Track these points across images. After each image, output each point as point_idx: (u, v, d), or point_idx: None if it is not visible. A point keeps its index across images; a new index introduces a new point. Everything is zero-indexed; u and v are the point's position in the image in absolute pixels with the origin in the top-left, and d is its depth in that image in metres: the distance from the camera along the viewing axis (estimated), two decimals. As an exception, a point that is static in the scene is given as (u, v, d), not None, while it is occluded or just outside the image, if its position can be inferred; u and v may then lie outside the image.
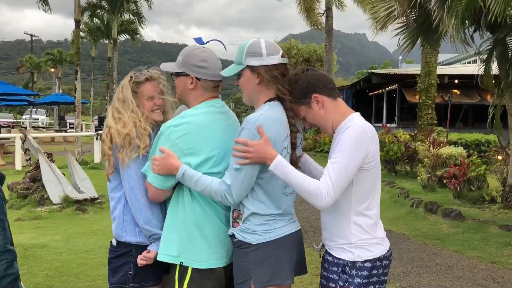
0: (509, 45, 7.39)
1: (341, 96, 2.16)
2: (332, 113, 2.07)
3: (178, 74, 2.20)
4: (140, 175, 2.19)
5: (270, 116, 2.00)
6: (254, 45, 2.05)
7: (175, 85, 2.26)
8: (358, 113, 2.10)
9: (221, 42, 2.43)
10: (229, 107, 2.47)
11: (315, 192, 1.89)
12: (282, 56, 2.08)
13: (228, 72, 2.11)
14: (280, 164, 1.93)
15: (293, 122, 2.08)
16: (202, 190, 2.02)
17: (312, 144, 19.05)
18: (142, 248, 2.25)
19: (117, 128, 2.22)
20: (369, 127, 2.01)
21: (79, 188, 8.41)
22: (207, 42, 2.28)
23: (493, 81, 8.12)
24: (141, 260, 2.21)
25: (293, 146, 2.08)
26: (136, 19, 29.18)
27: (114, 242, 2.33)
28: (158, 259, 2.15)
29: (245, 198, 2.03)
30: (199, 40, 2.30)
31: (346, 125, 2.00)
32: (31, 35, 53.02)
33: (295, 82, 2.07)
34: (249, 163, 1.94)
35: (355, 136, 1.94)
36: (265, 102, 2.07)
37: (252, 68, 2.04)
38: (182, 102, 2.30)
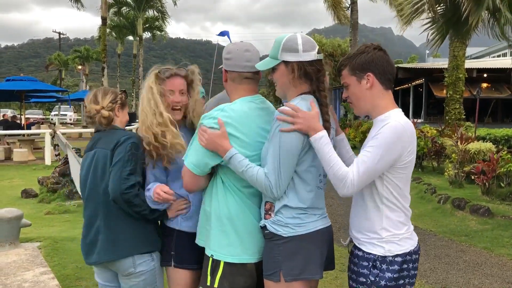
0: None
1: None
2: (376, 100, 2.05)
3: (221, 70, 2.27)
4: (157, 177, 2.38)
5: (302, 106, 2.01)
6: (291, 40, 2.05)
7: None
8: (400, 109, 2.07)
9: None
10: None
11: (342, 178, 1.90)
12: (318, 52, 2.08)
13: (263, 65, 2.12)
14: (322, 139, 1.95)
15: (327, 117, 2.08)
16: (246, 177, 2.03)
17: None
18: (182, 234, 2.40)
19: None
20: (409, 125, 1.99)
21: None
22: (222, 34, 2.34)
23: None
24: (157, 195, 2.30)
25: None
26: (160, 16, 29.45)
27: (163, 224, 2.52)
28: (196, 241, 2.27)
29: None
30: (222, 34, 2.37)
31: (387, 119, 1.98)
32: (59, 33, 54.12)
33: (362, 52, 2.05)
34: (295, 129, 1.95)
35: (394, 134, 1.92)
36: (297, 96, 2.09)
37: (286, 63, 2.06)
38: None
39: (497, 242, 5.94)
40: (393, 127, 1.93)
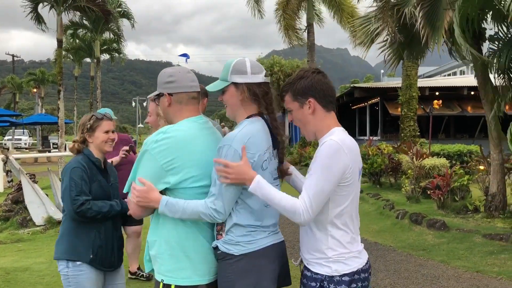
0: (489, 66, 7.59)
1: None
2: (319, 123, 2.09)
3: (158, 97, 2.26)
4: None
5: (249, 131, 2.05)
6: (240, 64, 2.13)
7: None
8: (341, 128, 2.11)
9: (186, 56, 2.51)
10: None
11: (293, 210, 1.91)
12: (265, 75, 2.17)
13: (213, 87, 2.19)
14: (259, 186, 1.95)
15: (279, 138, 2.14)
16: (189, 215, 2.02)
17: (298, 158, 19.16)
18: None
19: None
20: (346, 141, 2.01)
21: (62, 208, 8.28)
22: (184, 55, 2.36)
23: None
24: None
25: (281, 160, 2.16)
26: (117, 38, 29.14)
27: None
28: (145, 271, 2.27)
29: None
30: (184, 55, 2.39)
31: (324, 139, 2.03)
32: (13, 56, 52.59)
33: (301, 77, 2.09)
34: (230, 182, 1.98)
35: (330, 151, 1.95)
36: (245, 118, 2.13)
37: (236, 85, 2.12)
38: (168, 122, 2.30)
39: (453, 254, 6.11)
40: (328, 146, 1.97)
